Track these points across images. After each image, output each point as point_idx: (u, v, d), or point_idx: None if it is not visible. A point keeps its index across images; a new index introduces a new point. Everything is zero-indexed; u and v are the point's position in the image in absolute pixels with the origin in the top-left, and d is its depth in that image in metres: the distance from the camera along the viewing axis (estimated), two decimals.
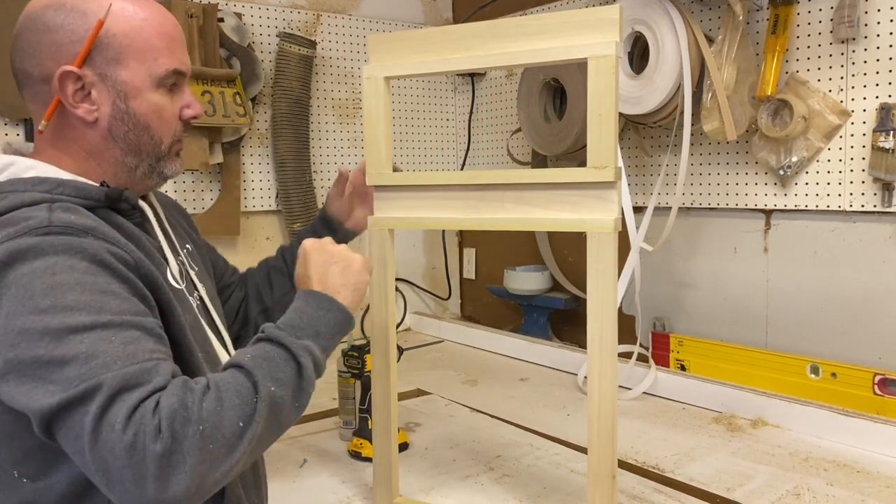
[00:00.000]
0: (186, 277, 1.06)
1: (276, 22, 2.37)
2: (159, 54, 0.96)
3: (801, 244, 1.83)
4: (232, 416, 0.78)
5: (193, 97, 1.03)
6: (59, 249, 0.81)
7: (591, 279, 1.07)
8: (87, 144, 0.96)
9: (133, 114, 0.96)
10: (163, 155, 1.00)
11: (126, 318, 0.80)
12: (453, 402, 1.89)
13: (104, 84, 0.94)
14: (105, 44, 0.93)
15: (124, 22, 0.94)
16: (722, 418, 1.70)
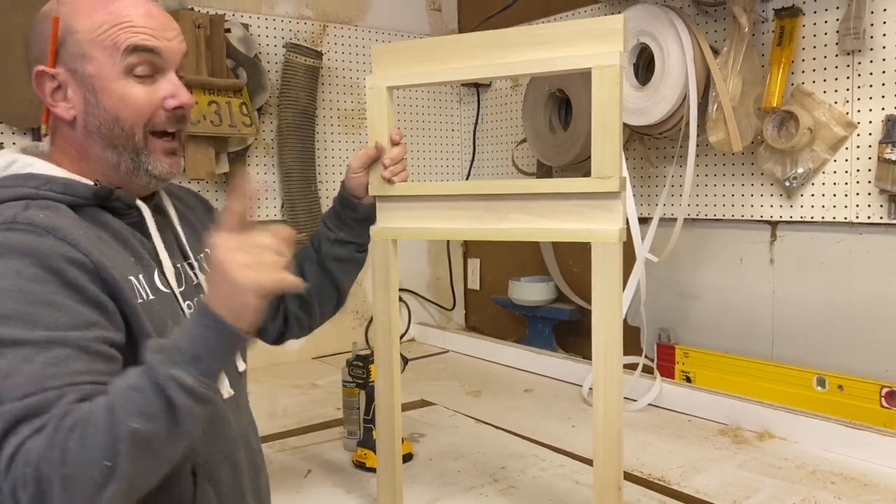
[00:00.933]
0: (187, 281, 1.05)
1: (282, 33, 2.38)
2: (119, 39, 0.94)
3: (807, 255, 1.83)
4: (96, 457, 0.75)
5: (180, 87, 0.99)
6: (12, 251, 0.82)
7: (597, 290, 1.07)
8: (75, 144, 0.98)
9: (102, 106, 0.95)
10: (139, 147, 0.97)
11: (59, 334, 0.80)
12: (458, 412, 1.88)
13: (75, 80, 0.95)
14: (69, 41, 0.94)
15: (84, 16, 0.94)
16: (728, 430, 1.69)
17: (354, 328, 2.60)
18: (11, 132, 1.94)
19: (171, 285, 1.00)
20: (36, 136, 1.96)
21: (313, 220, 2.39)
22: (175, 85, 0.98)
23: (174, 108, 0.98)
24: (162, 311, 0.96)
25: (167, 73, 0.98)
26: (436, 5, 2.79)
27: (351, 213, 1.30)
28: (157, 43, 0.96)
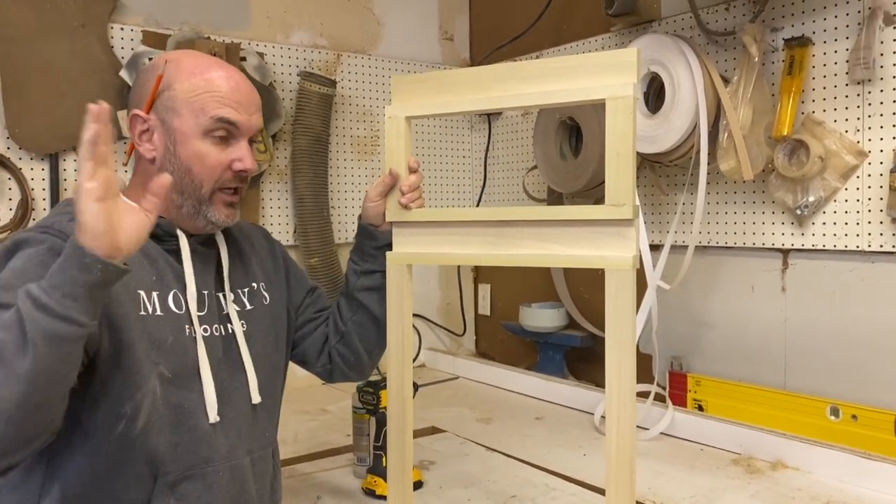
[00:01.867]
0: (212, 309, 1.15)
1: (297, 61, 2.42)
2: (208, 106, 1.09)
3: (819, 284, 1.82)
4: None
5: (248, 152, 1.14)
6: (36, 243, 0.98)
7: (610, 317, 1.07)
8: (149, 179, 1.06)
9: (178, 156, 1.10)
10: (203, 198, 1.11)
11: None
12: (468, 440, 1.88)
13: (163, 128, 1.11)
14: (167, 95, 1.10)
15: (185, 78, 1.10)
16: (741, 460, 1.68)
17: None
18: (30, 158, 1.97)
19: (189, 307, 1.10)
20: (54, 161, 1.99)
21: (325, 245, 2.40)
22: (244, 151, 1.13)
23: (239, 170, 1.13)
24: (164, 326, 1.07)
25: (240, 140, 1.13)
26: (448, 35, 2.83)
27: (371, 243, 1.33)
28: (237, 117, 1.11)
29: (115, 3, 2.07)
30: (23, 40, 1.92)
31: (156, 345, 1.05)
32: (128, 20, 2.11)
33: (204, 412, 1.10)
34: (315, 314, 1.40)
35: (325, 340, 1.39)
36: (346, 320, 1.36)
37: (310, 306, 1.40)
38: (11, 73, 1.91)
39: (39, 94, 1.95)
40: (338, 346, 1.37)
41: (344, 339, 1.37)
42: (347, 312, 1.37)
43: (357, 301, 1.36)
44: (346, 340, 1.37)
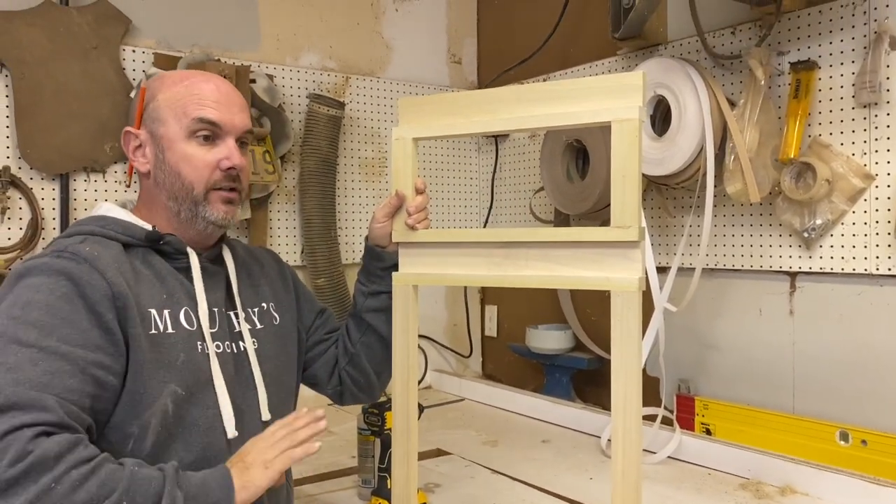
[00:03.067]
0: (223, 326, 1.15)
1: (306, 83, 2.44)
2: (188, 109, 1.12)
3: (828, 307, 1.81)
4: (82, 498, 0.85)
5: (235, 150, 1.15)
6: (52, 272, 0.99)
7: (616, 339, 1.07)
8: (148, 193, 1.17)
9: (167, 162, 1.13)
10: (198, 199, 1.13)
11: (66, 348, 0.94)
12: (473, 462, 1.86)
13: (152, 140, 1.14)
14: (152, 107, 1.14)
15: (167, 88, 1.14)
16: (749, 485, 1.66)
17: None
18: (41, 178, 1.99)
19: (201, 324, 1.11)
20: (64, 181, 2.01)
21: (333, 265, 2.41)
22: (231, 150, 1.14)
23: (227, 168, 1.14)
24: (176, 344, 1.07)
25: (225, 139, 1.14)
26: (456, 58, 2.85)
27: (378, 264, 1.34)
28: (219, 116, 1.13)
29: (128, 26, 2.10)
30: (36, 62, 1.94)
31: (166, 363, 1.05)
32: (140, 43, 2.14)
33: (220, 429, 1.10)
34: (325, 335, 1.41)
35: (335, 362, 1.39)
36: (354, 342, 1.37)
37: (320, 328, 1.40)
38: (24, 94, 1.93)
39: (51, 115, 1.97)
40: (347, 367, 1.38)
41: (353, 360, 1.37)
42: (356, 334, 1.37)
43: (365, 322, 1.36)
44: (355, 362, 1.37)
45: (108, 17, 2.06)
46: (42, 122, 1.96)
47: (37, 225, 1.95)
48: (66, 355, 0.94)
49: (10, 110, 1.94)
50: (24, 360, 0.91)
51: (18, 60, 1.92)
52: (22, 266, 1.01)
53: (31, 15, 1.94)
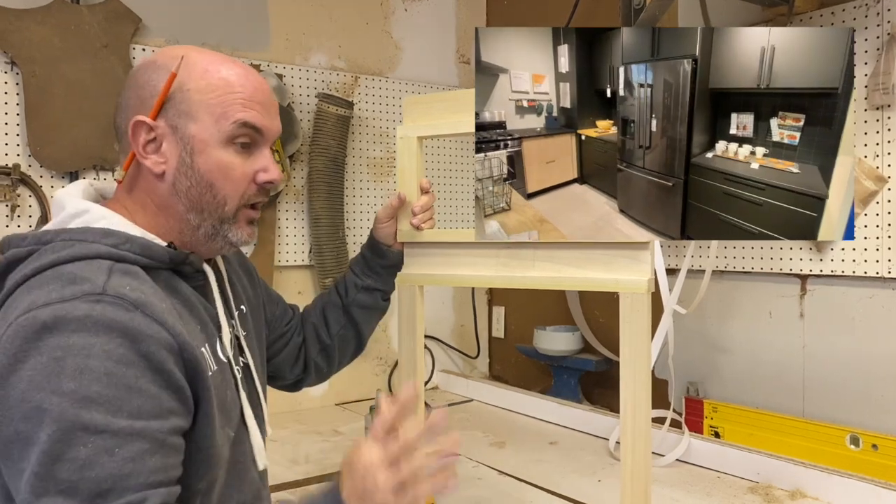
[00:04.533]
0: (235, 345, 1.03)
1: (315, 83, 2.44)
2: (230, 109, 0.94)
3: (839, 310, 1.80)
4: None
5: (272, 161, 0.98)
6: (100, 328, 0.78)
7: (624, 340, 1.06)
8: (156, 198, 0.95)
9: (197, 169, 0.93)
10: (226, 217, 0.96)
11: (140, 424, 0.78)
12: (481, 464, 1.86)
13: (174, 136, 0.93)
14: (178, 97, 0.93)
15: (200, 77, 0.94)
16: (758, 488, 1.64)
17: (377, 374, 2.59)
18: (51, 175, 1.99)
19: (227, 353, 0.98)
20: (73, 180, 2.02)
21: (340, 265, 2.41)
22: (269, 160, 0.98)
23: (265, 182, 0.97)
24: (222, 383, 0.94)
25: (262, 148, 0.98)
26: (465, 58, 2.85)
27: (380, 260, 1.31)
28: (262, 121, 0.96)
29: (138, 25, 2.10)
30: (46, 61, 1.95)
31: (220, 407, 0.92)
32: (150, 41, 2.14)
33: (253, 462, 1.02)
34: (286, 327, 1.31)
35: (298, 352, 1.31)
36: (332, 333, 1.30)
37: (281, 318, 1.31)
38: (35, 93, 1.94)
39: (61, 113, 1.97)
40: (317, 357, 1.31)
41: (325, 350, 1.31)
42: (335, 326, 1.30)
43: (349, 316, 1.30)
44: (328, 353, 1.32)
45: (119, 16, 2.07)
46: (52, 121, 1.96)
47: (46, 223, 1.95)
48: (141, 433, 0.78)
49: (20, 108, 1.95)
50: (99, 450, 0.75)
51: (29, 59, 1.93)
52: (48, 314, 0.78)
53: (42, 13, 1.94)
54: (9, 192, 1.91)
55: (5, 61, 1.93)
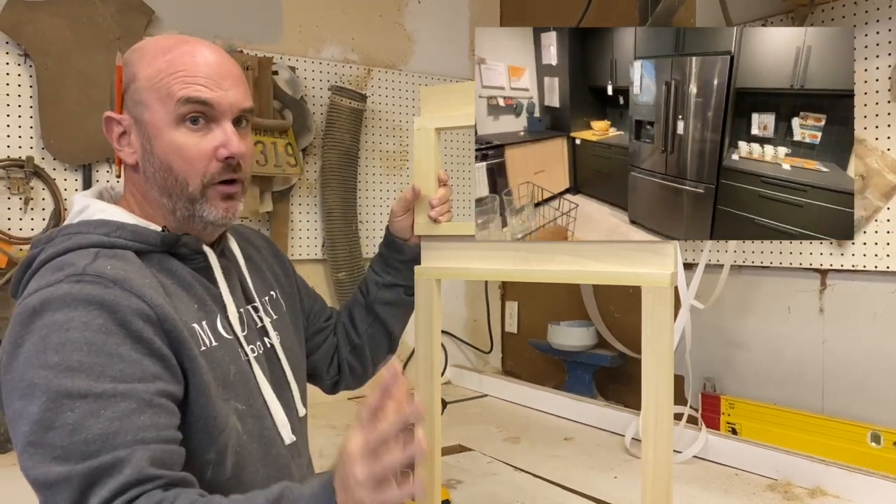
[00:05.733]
0: (251, 325, 1.05)
1: (328, 76, 2.43)
2: (173, 88, 0.94)
3: (859, 305, 1.77)
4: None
5: (233, 135, 0.96)
6: (79, 303, 0.83)
7: (647, 336, 1.04)
8: (139, 187, 1.00)
9: (156, 154, 0.95)
10: (194, 197, 0.96)
11: (124, 386, 0.81)
12: (495, 459, 1.84)
13: (137, 126, 0.97)
14: (132, 88, 0.96)
15: (147, 65, 0.96)
16: (777, 486, 1.62)
17: None
18: (64, 168, 1.99)
19: (235, 330, 1.01)
20: (87, 172, 2.01)
21: (353, 259, 2.39)
22: (227, 134, 0.96)
23: (225, 157, 0.96)
24: (224, 358, 0.96)
25: (222, 122, 0.96)
26: None
27: (398, 255, 1.31)
28: (210, 94, 0.94)
29: (151, 17, 2.09)
30: (59, 53, 1.94)
31: (221, 380, 0.95)
32: (162, 33, 2.13)
33: (279, 436, 1.04)
34: (324, 323, 1.33)
35: (334, 351, 1.33)
36: (361, 333, 1.31)
37: (319, 314, 1.32)
38: (48, 85, 1.93)
39: (74, 105, 1.97)
40: (349, 357, 1.32)
41: (356, 350, 1.32)
42: (362, 325, 1.31)
43: (375, 314, 1.31)
44: (359, 353, 1.32)
45: (132, 8, 2.06)
46: (65, 113, 1.96)
47: (59, 216, 1.95)
48: (126, 394, 0.81)
49: (33, 101, 1.94)
50: (85, 414, 0.78)
51: (42, 51, 1.92)
52: (36, 299, 0.84)
53: (55, 5, 1.94)
54: (22, 184, 1.91)
55: (19, 53, 1.92)
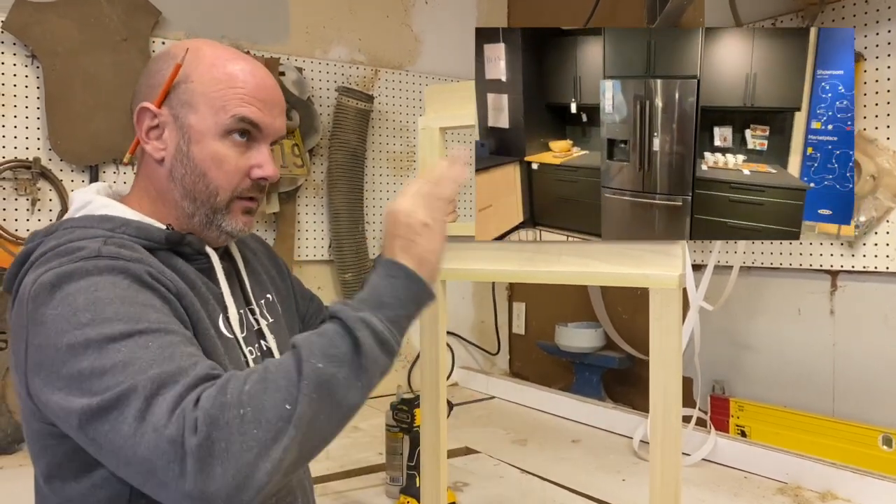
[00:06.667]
0: (249, 328, 1.05)
1: (335, 76, 2.42)
2: (230, 103, 0.96)
3: (870, 307, 1.75)
4: (276, 398, 0.75)
5: (270, 159, 1.01)
6: (102, 270, 0.83)
7: (654, 338, 1.03)
8: (157, 183, 0.99)
9: (192, 158, 0.97)
10: (219, 207, 0.99)
11: (163, 325, 0.81)
12: (502, 461, 1.83)
13: (175, 125, 0.97)
14: (182, 88, 0.97)
15: (205, 71, 0.97)
16: (787, 489, 1.61)
17: (397, 370, 2.57)
18: (70, 169, 1.99)
19: (235, 331, 1.00)
20: (94, 173, 2.01)
21: (360, 260, 2.39)
22: (265, 157, 1.00)
23: (258, 178, 1.00)
24: (226, 356, 0.95)
25: (261, 144, 1.00)
26: None
27: None
28: (261, 118, 0.98)
29: (157, 18, 2.09)
30: (66, 54, 1.94)
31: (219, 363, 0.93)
32: (169, 34, 2.13)
33: None
34: (320, 324, 1.31)
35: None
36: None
37: (315, 315, 1.32)
38: (55, 86, 1.93)
39: (81, 106, 1.97)
40: None
41: None
42: None
43: None
44: None
45: (138, 9, 2.06)
46: (72, 114, 1.96)
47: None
48: (167, 330, 0.81)
49: (40, 102, 1.95)
50: (133, 348, 0.77)
51: (50, 52, 1.93)
52: (51, 276, 0.83)
53: (63, 6, 1.94)
54: (29, 185, 1.91)
55: (26, 54, 1.93)
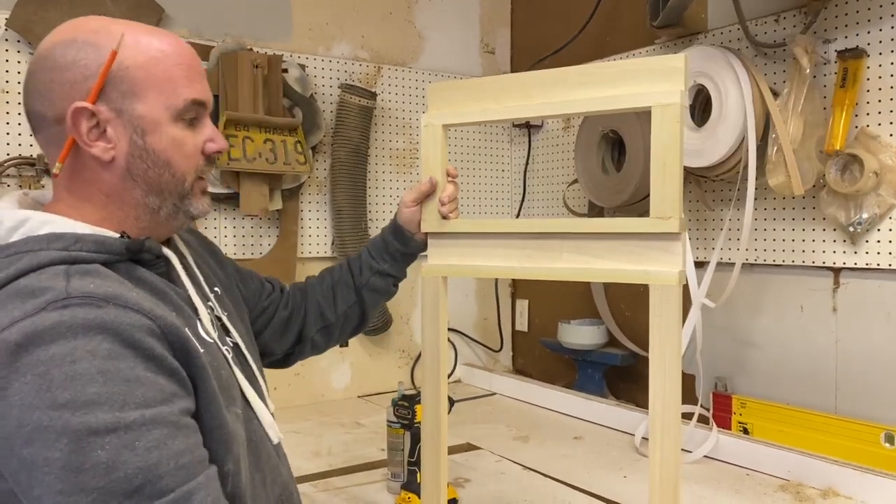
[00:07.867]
0: (217, 325, 1.00)
1: (338, 73, 2.42)
2: (178, 85, 0.90)
3: (873, 304, 1.75)
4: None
5: (216, 130, 0.97)
6: (77, 331, 0.74)
7: (654, 335, 1.03)
8: (105, 187, 0.90)
9: (152, 150, 0.89)
10: (186, 193, 0.93)
11: (151, 411, 0.75)
12: (504, 458, 1.83)
13: (120, 120, 0.88)
14: (120, 77, 0.87)
15: (139, 53, 0.88)
16: (789, 486, 1.61)
17: (400, 367, 2.58)
18: None
19: (211, 334, 0.95)
20: None
21: None
22: (213, 130, 0.96)
23: (213, 151, 0.96)
24: (215, 362, 0.90)
25: (204, 117, 0.96)
26: (489, 48, 2.81)
27: (401, 247, 1.30)
28: (206, 94, 0.94)
29: (161, 15, 2.10)
30: None
31: (219, 385, 0.89)
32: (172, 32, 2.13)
33: (267, 437, 1.01)
34: (266, 301, 1.28)
35: (284, 327, 1.28)
36: (339, 313, 1.30)
37: (258, 295, 1.27)
38: None
39: None
40: (316, 335, 1.30)
41: (327, 329, 1.31)
42: (343, 305, 1.30)
43: (360, 297, 1.30)
44: (329, 331, 1.31)
45: (142, 6, 2.06)
46: None
47: None
48: (155, 420, 0.75)
49: None
50: (118, 448, 0.71)
51: None
52: (16, 333, 0.73)
53: (66, 3, 1.94)
54: (33, 183, 1.92)
55: (30, 52, 1.93)
